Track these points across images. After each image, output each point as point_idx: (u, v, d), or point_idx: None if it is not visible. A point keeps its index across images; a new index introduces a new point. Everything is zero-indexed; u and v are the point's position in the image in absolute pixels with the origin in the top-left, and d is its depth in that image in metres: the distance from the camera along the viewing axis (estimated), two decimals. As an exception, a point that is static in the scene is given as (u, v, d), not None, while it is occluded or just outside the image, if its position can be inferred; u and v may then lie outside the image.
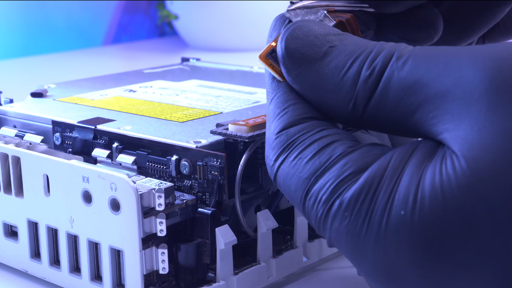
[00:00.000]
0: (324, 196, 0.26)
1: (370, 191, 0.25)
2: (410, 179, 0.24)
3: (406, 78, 0.25)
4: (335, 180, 0.26)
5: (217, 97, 0.45)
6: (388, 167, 0.25)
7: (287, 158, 0.28)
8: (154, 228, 0.31)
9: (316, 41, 0.28)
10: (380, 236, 0.24)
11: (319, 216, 0.26)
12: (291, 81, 0.28)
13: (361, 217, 0.25)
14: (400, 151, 0.25)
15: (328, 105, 0.27)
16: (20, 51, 1.10)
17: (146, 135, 0.36)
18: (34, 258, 0.36)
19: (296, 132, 0.28)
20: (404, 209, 0.24)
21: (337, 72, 0.27)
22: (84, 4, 1.18)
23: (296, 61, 0.28)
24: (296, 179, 0.27)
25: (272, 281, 0.35)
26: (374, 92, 0.26)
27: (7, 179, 0.36)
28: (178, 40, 1.25)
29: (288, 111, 0.28)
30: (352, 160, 0.26)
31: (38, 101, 0.45)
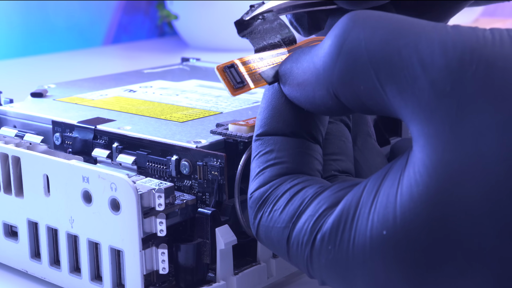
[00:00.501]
0: (305, 237, 0.26)
1: (348, 218, 0.25)
2: (387, 197, 0.24)
3: (375, 53, 0.24)
4: (311, 219, 0.26)
5: (217, 97, 0.45)
6: (363, 193, 0.25)
7: (263, 215, 0.28)
8: (154, 228, 0.31)
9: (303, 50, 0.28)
10: (367, 260, 0.24)
11: (305, 258, 0.26)
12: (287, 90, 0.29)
13: (344, 245, 0.25)
14: (373, 177, 0.25)
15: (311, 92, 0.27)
16: (20, 51, 1.10)
17: (146, 135, 0.36)
18: (34, 258, 0.36)
19: (268, 188, 0.28)
20: (386, 228, 0.24)
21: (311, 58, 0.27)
22: (84, 4, 1.18)
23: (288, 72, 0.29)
24: (276, 231, 0.27)
25: (272, 281, 0.35)
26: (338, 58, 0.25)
27: (7, 179, 0.36)
28: (178, 40, 1.25)
29: (265, 172, 0.29)
30: (325, 198, 0.26)
31: (38, 101, 0.45)
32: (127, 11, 1.27)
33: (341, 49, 0.25)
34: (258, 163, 0.29)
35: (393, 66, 0.24)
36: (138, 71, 0.55)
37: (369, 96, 0.25)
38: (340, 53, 0.25)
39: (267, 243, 0.28)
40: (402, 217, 0.23)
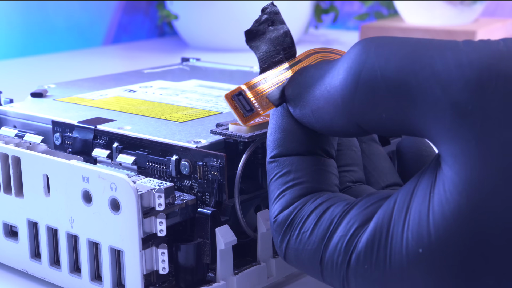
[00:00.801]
0: (340, 257, 0.26)
1: (382, 236, 0.25)
2: (419, 215, 0.24)
3: (392, 81, 0.25)
4: (344, 239, 0.26)
5: (217, 97, 0.45)
6: (394, 210, 0.25)
7: (291, 238, 0.28)
8: (154, 228, 0.31)
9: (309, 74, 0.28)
10: (405, 278, 0.24)
11: (341, 278, 0.26)
12: (298, 116, 0.29)
13: (380, 264, 0.25)
14: (402, 191, 0.25)
15: (328, 120, 0.27)
16: (20, 51, 1.10)
17: (146, 135, 0.36)
18: (34, 258, 0.36)
19: (292, 211, 0.28)
20: (421, 247, 0.24)
21: (325, 87, 0.27)
22: (84, 4, 1.18)
23: (296, 98, 0.28)
24: (307, 254, 0.27)
25: (272, 281, 0.35)
26: (356, 89, 0.25)
27: (7, 179, 0.36)
28: (178, 40, 1.25)
29: (286, 194, 0.29)
30: (354, 216, 0.26)
31: (38, 101, 0.45)
32: (127, 11, 1.27)
33: (358, 82, 0.25)
34: (277, 185, 0.29)
35: (412, 91, 0.24)
36: (138, 71, 0.55)
37: (392, 122, 0.25)
38: (358, 86, 0.25)
39: (297, 265, 0.28)
40: (436, 235, 0.23)
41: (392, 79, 0.24)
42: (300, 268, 0.28)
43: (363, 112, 0.26)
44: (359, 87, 0.25)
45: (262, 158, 0.35)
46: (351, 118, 0.26)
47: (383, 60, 0.25)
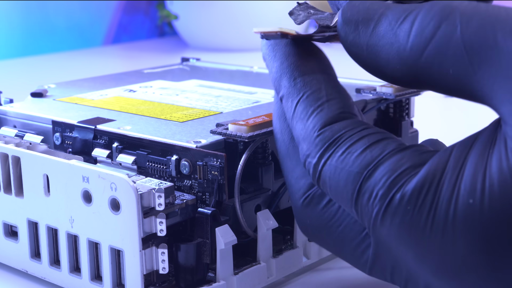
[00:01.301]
0: (381, 191, 0.25)
1: (433, 182, 0.24)
2: (475, 168, 0.24)
3: (470, 37, 0.24)
4: (392, 174, 0.25)
5: (217, 97, 0.45)
6: (450, 159, 0.24)
7: (334, 153, 0.27)
8: (154, 228, 0.31)
9: (372, 6, 0.27)
10: (448, 228, 0.24)
11: (375, 212, 0.25)
12: (348, 47, 0.28)
13: (425, 209, 0.24)
14: (459, 144, 0.25)
15: (382, 61, 0.27)
16: (20, 51, 1.10)
17: (146, 135, 0.36)
18: (34, 258, 0.36)
19: (342, 128, 0.27)
20: (473, 197, 0.23)
21: (392, 26, 0.26)
22: (84, 4, 1.18)
23: (353, 25, 0.28)
24: (346, 174, 0.26)
25: (272, 281, 0.35)
26: (430, 42, 0.25)
27: (7, 179, 0.36)
28: (178, 40, 1.25)
29: (324, 108, 0.28)
30: (407, 156, 0.25)
31: (38, 101, 0.45)
32: (127, 11, 1.27)
33: (435, 34, 0.25)
34: (310, 102, 0.28)
35: (489, 50, 0.24)
36: (138, 71, 0.55)
37: (457, 80, 0.25)
38: (434, 37, 0.25)
39: (330, 184, 0.27)
40: (490, 189, 0.23)
41: (471, 36, 0.24)
42: (332, 190, 0.27)
43: (430, 64, 0.25)
44: (435, 38, 0.25)
45: (262, 158, 0.35)
46: (413, 68, 0.26)
47: (465, 18, 0.25)
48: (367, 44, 0.27)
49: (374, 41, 0.27)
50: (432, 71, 0.25)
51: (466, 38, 0.24)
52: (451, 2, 0.25)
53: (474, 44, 0.24)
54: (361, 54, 0.28)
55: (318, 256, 0.37)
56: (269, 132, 0.34)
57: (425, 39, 0.25)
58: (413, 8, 0.26)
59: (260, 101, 0.43)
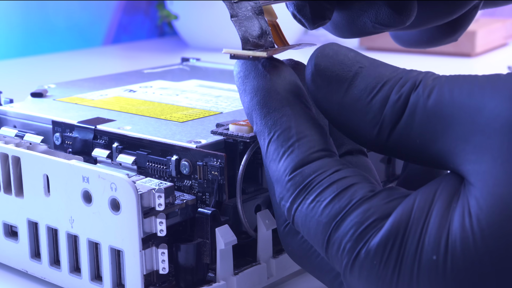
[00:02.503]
0: (349, 244, 0.25)
1: (398, 237, 0.24)
2: (439, 223, 0.24)
3: (432, 106, 0.25)
4: (358, 227, 0.25)
5: (217, 97, 0.45)
6: (413, 211, 0.25)
7: (304, 201, 0.27)
8: (154, 228, 0.31)
9: (346, 61, 0.27)
10: (413, 283, 0.24)
11: (344, 263, 0.26)
12: (318, 100, 0.28)
13: (391, 264, 0.24)
14: (423, 192, 0.25)
15: (354, 127, 0.27)
16: (20, 51, 1.10)
17: (146, 135, 0.36)
18: (34, 258, 0.36)
19: (312, 172, 0.27)
20: (436, 254, 0.24)
21: (366, 94, 0.27)
22: (84, 4, 1.18)
23: (326, 79, 0.28)
24: (316, 223, 0.26)
25: (272, 281, 0.35)
26: (401, 117, 0.26)
27: (7, 179, 0.36)
28: (178, 40, 1.25)
29: (294, 149, 0.28)
30: (374, 206, 0.25)
31: (38, 101, 0.45)
32: (127, 11, 1.27)
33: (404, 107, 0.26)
34: (280, 142, 0.28)
35: (448, 112, 0.25)
36: (138, 71, 0.55)
37: (423, 148, 0.26)
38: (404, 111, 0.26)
39: (303, 230, 0.27)
40: (452, 246, 0.23)
41: (432, 104, 0.25)
42: (305, 235, 0.27)
43: (399, 136, 0.26)
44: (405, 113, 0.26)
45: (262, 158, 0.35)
46: (382, 139, 0.26)
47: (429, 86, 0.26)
48: (339, 104, 0.27)
49: (347, 103, 0.27)
50: (401, 144, 0.26)
51: (429, 108, 0.25)
52: (419, 74, 0.26)
53: (436, 111, 0.25)
54: (332, 112, 0.28)
55: (318, 256, 0.37)
56: (269, 132, 0.34)
57: (396, 116, 0.26)
58: (387, 78, 0.27)
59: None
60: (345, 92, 0.27)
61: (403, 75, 0.26)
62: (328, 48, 0.28)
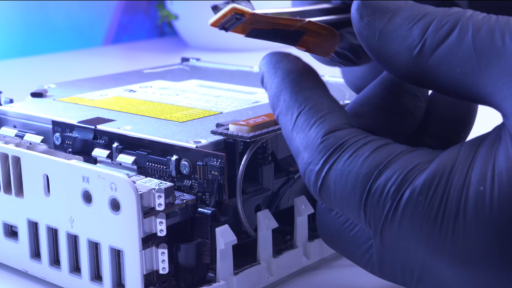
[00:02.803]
0: (393, 186, 0.25)
1: (444, 174, 0.25)
2: (484, 160, 0.24)
3: (480, 40, 0.25)
4: (403, 170, 0.25)
5: (217, 97, 0.45)
6: (460, 154, 0.25)
7: (339, 158, 0.27)
8: (154, 228, 0.31)
9: (391, 4, 0.28)
10: (460, 216, 0.24)
11: (387, 208, 0.26)
12: (359, 28, 0.28)
13: (437, 199, 0.25)
14: (467, 142, 0.26)
15: (392, 52, 0.27)
16: (20, 51, 1.10)
17: (146, 135, 0.36)
18: (34, 258, 0.36)
19: (346, 134, 0.27)
20: (483, 185, 0.24)
21: (409, 21, 0.27)
22: (84, 4, 1.18)
23: (371, 9, 0.28)
24: (354, 176, 0.26)
25: (272, 281, 0.35)
26: (443, 42, 0.26)
27: (7, 179, 0.36)
28: (178, 40, 1.25)
29: (326, 119, 0.28)
30: (416, 155, 0.26)
31: (38, 101, 0.45)
32: (127, 11, 1.27)
33: (448, 35, 0.26)
34: (311, 113, 0.28)
35: (496, 52, 0.25)
36: (138, 71, 0.55)
37: (462, 78, 0.26)
38: (447, 38, 0.26)
39: (335, 189, 0.27)
40: (499, 176, 0.24)
41: (481, 41, 0.25)
42: (337, 197, 0.27)
43: (439, 62, 0.26)
44: (448, 40, 0.26)
45: (262, 158, 0.35)
46: (420, 64, 0.27)
47: (478, 24, 0.26)
48: (380, 30, 0.28)
49: (388, 30, 0.27)
50: (440, 70, 0.26)
51: (477, 41, 0.25)
52: (466, 10, 0.26)
53: (483, 46, 0.25)
54: (372, 39, 0.28)
55: (318, 256, 0.37)
56: (270, 132, 0.34)
57: (438, 40, 0.26)
58: (430, 10, 0.27)
59: (260, 101, 0.43)
60: (388, 21, 0.27)
61: (448, 10, 0.27)
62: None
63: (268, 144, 0.35)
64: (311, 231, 0.37)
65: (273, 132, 0.34)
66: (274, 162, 0.36)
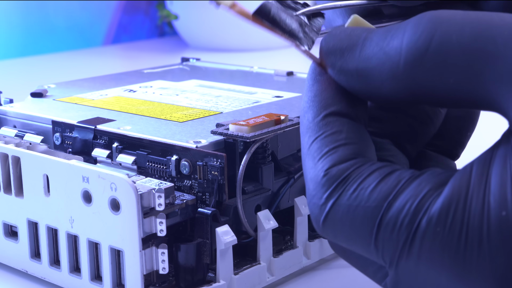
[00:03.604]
0: (407, 218, 0.24)
1: (460, 200, 0.24)
2: (500, 180, 0.23)
3: (468, 44, 0.24)
4: (415, 199, 0.24)
5: (217, 97, 0.45)
6: (472, 176, 0.24)
7: (344, 192, 0.25)
8: (154, 228, 0.31)
9: (354, 32, 0.27)
10: (484, 243, 0.23)
11: (402, 241, 0.24)
12: (337, 74, 0.27)
13: (456, 228, 0.23)
14: (478, 160, 0.24)
15: (376, 82, 0.26)
16: (20, 51, 1.10)
17: (146, 135, 0.36)
18: (34, 258, 0.36)
19: (349, 166, 0.26)
20: (505, 209, 0.23)
21: (380, 45, 0.26)
22: (84, 4, 1.18)
23: (338, 53, 0.27)
24: (362, 211, 0.25)
25: (272, 281, 0.35)
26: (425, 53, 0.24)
27: (7, 179, 0.36)
28: (178, 40, 1.25)
29: (338, 151, 0.26)
30: (425, 179, 0.25)
31: (38, 101, 0.45)
32: (127, 11, 1.27)
33: (429, 45, 0.24)
34: (326, 142, 0.27)
35: (489, 56, 0.23)
36: (138, 71, 0.55)
37: (458, 88, 0.24)
38: (429, 48, 0.24)
39: (342, 225, 0.25)
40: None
41: (468, 43, 0.24)
42: (343, 232, 0.26)
43: (428, 76, 0.25)
44: (430, 50, 0.24)
45: (262, 158, 0.35)
46: (409, 83, 0.25)
47: (458, 26, 0.24)
48: (356, 68, 0.26)
49: (363, 64, 0.26)
50: (431, 84, 0.25)
51: (464, 45, 0.24)
52: (438, 12, 0.25)
53: (473, 50, 0.24)
54: (352, 80, 0.27)
55: (318, 256, 0.37)
56: (270, 132, 0.34)
57: (419, 52, 0.25)
58: (398, 26, 0.25)
59: (260, 101, 0.43)
60: (359, 56, 0.26)
61: (415, 18, 0.25)
62: (334, 30, 0.28)
63: (268, 144, 0.35)
64: (311, 231, 0.37)
65: (273, 132, 0.34)
66: (274, 162, 0.36)
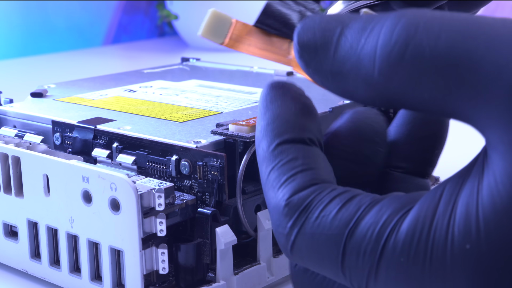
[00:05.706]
0: (369, 246, 0.24)
1: (424, 229, 0.23)
2: (466, 209, 0.22)
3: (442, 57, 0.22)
4: (376, 226, 0.23)
5: (217, 97, 0.45)
6: (441, 201, 0.23)
7: (307, 221, 0.25)
8: (154, 228, 0.31)
9: (328, 26, 0.25)
10: (447, 274, 0.22)
11: (367, 268, 0.24)
12: (311, 74, 0.26)
13: (419, 258, 0.23)
14: (450, 183, 0.23)
15: (351, 87, 0.25)
16: (20, 51, 1.10)
17: (146, 135, 0.36)
18: (34, 258, 0.36)
19: (310, 194, 0.25)
20: (469, 242, 0.22)
21: (354, 49, 0.24)
22: (84, 4, 1.18)
23: (312, 51, 0.26)
24: (326, 238, 0.24)
25: (272, 281, 0.35)
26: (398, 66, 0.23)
27: (7, 179, 0.36)
28: (178, 40, 1.25)
29: (296, 178, 0.26)
30: (386, 204, 0.24)
31: (38, 101, 0.45)
32: (127, 11, 1.27)
33: (402, 57, 0.23)
34: (283, 171, 0.26)
35: (464, 71, 0.22)
36: (138, 71, 0.55)
37: (433, 103, 0.23)
38: (402, 61, 0.23)
39: (309, 254, 0.25)
40: (486, 231, 0.22)
41: (442, 57, 0.22)
42: (311, 259, 0.25)
43: (402, 89, 0.23)
44: (403, 63, 0.23)
45: (262, 158, 0.35)
46: (384, 94, 0.24)
47: (433, 36, 0.22)
48: (330, 71, 0.25)
49: (337, 68, 0.25)
50: (406, 96, 0.24)
51: (438, 60, 0.22)
52: (415, 15, 0.23)
53: (447, 65, 0.22)
54: (326, 81, 0.26)
55: (318, 256, 0.37)
56: (269, 132, 0.34)
57: (393, 62, 0.23)
58: (373, 25, 0.24)
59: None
60: (333, 57, 0.25)
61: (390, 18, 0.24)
62: (309, 20, 0.26)
63: (268, 144, 0.35)
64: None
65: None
66: (274, 162, 0.36)
